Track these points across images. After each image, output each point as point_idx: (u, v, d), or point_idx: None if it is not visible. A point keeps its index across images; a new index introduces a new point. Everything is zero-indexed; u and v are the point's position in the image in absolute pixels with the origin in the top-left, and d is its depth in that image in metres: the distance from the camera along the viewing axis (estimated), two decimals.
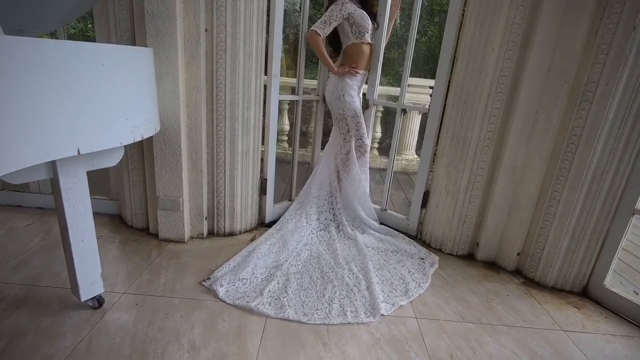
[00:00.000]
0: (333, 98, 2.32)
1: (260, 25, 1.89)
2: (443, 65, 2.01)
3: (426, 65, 4.76)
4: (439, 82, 2.05)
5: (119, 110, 1.20)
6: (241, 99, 1.92)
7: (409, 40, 2.19)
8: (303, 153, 4.09)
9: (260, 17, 1.88)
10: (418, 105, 3.77)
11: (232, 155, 2.00)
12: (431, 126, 2.14)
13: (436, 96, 2.08)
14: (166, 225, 1.99)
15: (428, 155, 2.18)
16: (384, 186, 2.49)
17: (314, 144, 2.59)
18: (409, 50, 2.20)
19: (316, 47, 2.16)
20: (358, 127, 2.33)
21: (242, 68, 1.87)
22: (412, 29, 2.16)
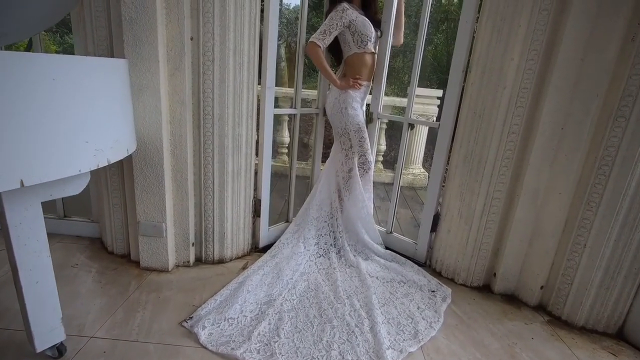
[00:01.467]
0: (334, 111, 2.13)
1: (253, 33, 1.71)
2: (455, 75, 1.81)
3: (433, 75, 4.58)
4: (450, 95, 1.85)
5: (76, 132, 1.02)
6: (231, 114, 1.74)
7: (416, 49, 2.00)
8: (304, 167, 3.91)
9: (253, 24, 1.70)
10: (425, 119, 3.57)
11: (222, 175, 1.81)
12: (442, 143, 1.93)
13: (447, 109, 1.88)
14: (148, 253, 1.79)
15: (438, 174, 1.98)
16: (390, 207, 2.28)
17: (314, 160, 2.39)
18: (416, 59, 2.01)
19: (316, 60, 1.98)
20: (361, 143, 2.13)
21: (232, 80, 1.69)
22: (420, 36, 1.97)
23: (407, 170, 3.82)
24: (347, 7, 1.97)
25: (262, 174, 2.00)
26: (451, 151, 1.93)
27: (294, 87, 2.11)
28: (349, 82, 2.06)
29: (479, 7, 1.71)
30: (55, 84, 0.94)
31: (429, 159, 4.06)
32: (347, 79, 2.08)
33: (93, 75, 1.09)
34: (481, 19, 1.70)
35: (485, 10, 1.66)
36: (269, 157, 2.00)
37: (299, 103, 2.12)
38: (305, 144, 5.46)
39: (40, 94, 0.91)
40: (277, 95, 3.67)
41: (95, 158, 1.09)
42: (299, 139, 2.27)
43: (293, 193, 2.31)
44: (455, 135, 1.89)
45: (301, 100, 2.14)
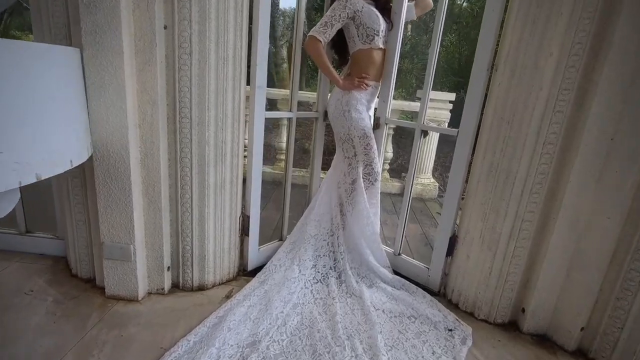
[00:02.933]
0: (337, 114, 1.86)
1: (240, 23, 1.45)
2: (478, 75, 1.54)
3: (444, 77, 4.30)
4: (471, 97, 1.57)
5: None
6: (213, 117, 1.47)
7: (431, 48, 1.73)
8: (303, 174, 3.63)
9: (239, 11, 1.44)
10: (436, 124, 3.30)
11: (202, 188, 1.54)
12: (461, 153, 1.65)
13: (468, 114, 1.60)
14: (114, 279, 1.53)
15: (456, 190, 1.70)
16: (398, 226, 2.00)
17: (312, 169, 2.12)
18: (431, 60, 1.73)
19: (316, 56, 1.72)
20: (367, 151, 1.86)
21: (214, 77, 1.43)
22: (436, 35, 1.70)
23: (415, 180, 3.53)
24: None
25: (251, 187, 1.73)
26: (472, 163, 1.65)
27: (290, 88, 1.84)
28: (353, 82, 1.79)
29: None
30: None
31: (438, 167, 3.78)
32: (351, 78, 1.82)
33: (18, 67, 0.82)
34: (511, 6, 1.42)
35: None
36: (259, 167, 1.73)
37: (295, 105, 1.85)
38: (306, 150, 5.20)
39: None
40: (276, 98, 3.42)
41: (16, 174, 0.83)
42: (299, 144, 2.01)
43: (288, 207, 2.04)
44: (477, 145, 1.61)
45: (303, 104, 1.88)
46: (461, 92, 3.66)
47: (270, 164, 3.82)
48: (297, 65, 1.79)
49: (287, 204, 2.02)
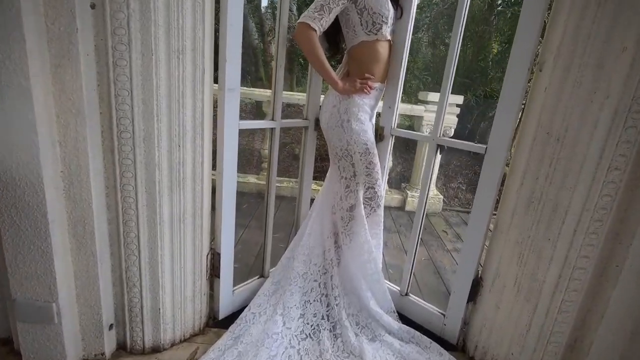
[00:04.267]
0: (333, 124, 1.49)
1: (200, 4, 1.07)
2: (514, 76, 1.19)
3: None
4: (505, 105, 1.22)
5: None
6: (165, 130, 1.09)
7: (451, 46, 1.37)
8: (292, 185, 3.27)
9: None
10: (445, 131, 2.95)
11: (153, 224, 1.16)
12: (489, 176, 1.30)
13: (500, 127, 1.25)
14: (33, 346, 1.14)
15: (481, 222, 1.34)
16: (405, 262, 1.63)
17: (301, 187, 1.75)
18: (451, 60, 1.38)
19: (309, 49, 1.34)
20: (370, 170, 1.50)
21: (164, 76, 1.05)
22: (457, 28, 1.34)
23: (415, 192, 3.17)
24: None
25: (221, 218, 1.35)
26: (504, 189, 1.30)
27: (272, 90, 1.46)
28: (354, 84, 1.42)
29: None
30: None
31: (441, 176, 3.44)
32: (351, 79, 1.45)
33: None
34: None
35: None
36: (232, 192, 1.36)
37: (278, 113, 1.47)
38: (296, 156, 4.81)
39: None
40: (261, 100, 3.03)
41: None
42: (289, 149, 1.68)
43: (270, 235, 1.66)
44: (512, 166, 1.26)
45: (294, 107, 1.51)
46: (468, 95, 3.33)
47: (254, 173, 3.44)
48: (280, 61, 1.42)
49: (269, 232, 1.64)
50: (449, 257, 2.37)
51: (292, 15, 4.86)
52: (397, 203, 3.22)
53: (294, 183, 3.25)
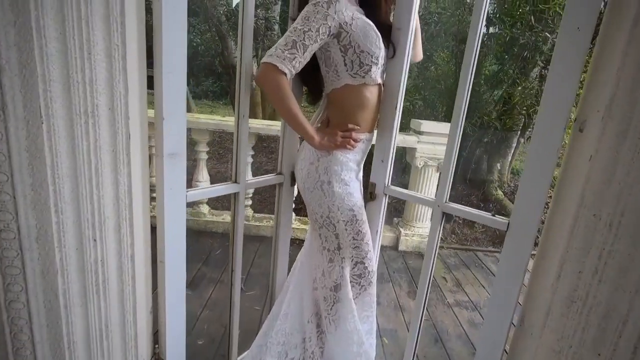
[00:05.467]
0: (310, 185, 1.19)
1: (118, 47, 0.77)
2: (545, 136, 0.92)
3: (437, 99, 3.67)
4: (533, 171, 0.94)
5: None
6: (71, 223, 0.77)
7: (462, 78, 1.10)
8: (265, 225, 2.96)
9: None
10: (435, 163, 2.70)
11: (57, 348, 0.83)
12: (512, 260, 1.01)
13: (526, 201, 0.97)
14: None
15: (500, 325, 1.04)
16: (406, 348, 1.32)
17: (276, 254, 1.44)
18: (463, 87, 1.10)
19: (276, 97, 1.04)
20: (358, 242, 1.20)
21: (64, 150, 0.74)
22: (469, 60, 1.06)
23: (410, 229, 2.89)
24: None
25: (165, 321, 1.02)
26: (532, 278, 1.01)
27: (235, 145, 1.15)
28: (335, 139, 1.13)
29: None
30: None
31: None
32: (331, 131, 1.15)
33: None
34: (617, 11, 0.80)
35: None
36: (181, 287, 1.03)
37: (243, 172, 1.16)
38: (267, 172, 4.49)
39: None
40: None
41: None
42: (266, 167, 1.33)
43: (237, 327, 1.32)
44: (543, 249, 0.98)
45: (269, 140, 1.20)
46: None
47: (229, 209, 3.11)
48: (243, 110, 1.11)
49: (235, 325, 1.30)
50: (450, 315, 2.07)
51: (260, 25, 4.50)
52: (389, 242, 2.92)
53: (269, 222, 2.93)
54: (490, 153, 3.71)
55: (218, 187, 1.12)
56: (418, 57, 1.33)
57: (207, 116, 2.83)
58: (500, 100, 3.33)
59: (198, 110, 9.91)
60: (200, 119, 2.67)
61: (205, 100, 12.16)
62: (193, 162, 3.77)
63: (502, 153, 3.71)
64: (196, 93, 12.09)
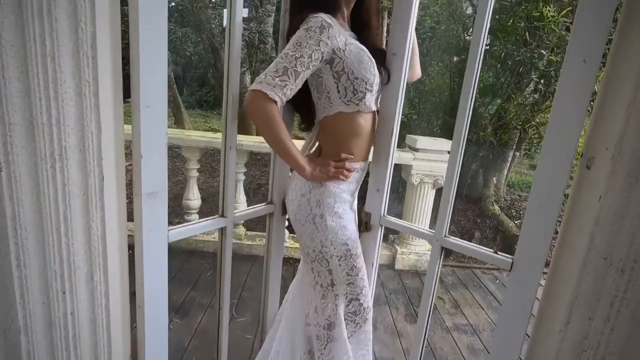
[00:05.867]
0: (302, 218, 1.13)
1: (90, 84, 0.70)
2: (549, 172, 0.87)
3: (432, 113, 3.63)
4: (537, 208, 0.89)
5: None
6: (36, 276, 0.70)
7: (463, 94, 1.04)
8: (258, 244, 2.89)
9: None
10: (432, 180, 2.65)
11: None
12: (515, 304, 0.95)
13: (531, 240, 0.91)
14: None
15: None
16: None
17: (266, 290, 1.36)
18: (463, 116, 1.05)
19: (266, 126, 0.98)
20: (352, 278, 1.13)
21: (28, 197, 0.67)
22: (470, 77, 1.01)
23: (407, 247, 2.83)
24: (329, 22, 0.99)
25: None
26: (537, 321, 0.95)
27: (222, 177, 1.09)
28: (327, 170, 1.07)
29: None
30: None
31: (432, 224, 3.11)
32: (323, 161, 1.09)
33: None
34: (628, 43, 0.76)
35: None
36: (162, 342, 0.95)
37: (230, 205, 1.09)
38: (259, 186, 4.42)
39: None
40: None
41: None
42: (264, 191, 1.30)
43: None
44: (550, 291, 0.91)
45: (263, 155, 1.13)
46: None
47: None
48: (230, 142, 1.05)
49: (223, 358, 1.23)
50: (449, 341, 2.00)
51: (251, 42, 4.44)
52: (385, 260, 2.86)
53: (260, 241, 2.85)
54: (486, 167, 3.68)
55: (204, 223, 1.05)
56: (416, 76, 1.28)
57: (198, 133, 2.77)
58: (495, 114, 3.32)
59: (191, 120, 9.83)
60: (191, 136, 2.60)
61: (199, 110, 12.07)
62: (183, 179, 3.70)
63: (498, 167, 3.69)
64: (190, 103, 12.01)
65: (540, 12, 2.72)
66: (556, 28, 2.72)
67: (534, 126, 3.12)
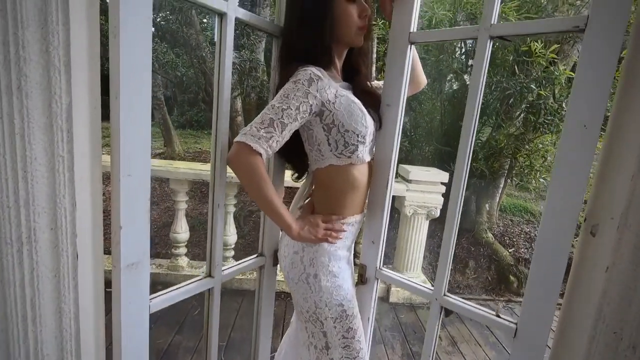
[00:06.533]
0: (294, 276, 1.07)
1: (64, 159, 0.65)
2: (551, 237, 0.83)
3: (425, 142, 3.63)
4: (540, 276, 0.85)
5: None
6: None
7: (465, 126, 1.00)
8: (249, 278, 2.80)
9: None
10: (425, 211, 2.62)
11: None
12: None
13: (533, 308, 0.86)
14: None
15: None
16: None
17: (256, 352, 1.29)
18: (463, 155, 1.01)
19: (250, 180, 0.93)
20: (348, 340, 1.07)
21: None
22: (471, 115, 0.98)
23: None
24: (318, 75, 0.95)
25: None
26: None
27: (210, 223, 1.03)
28: (316, 231, 1.02)
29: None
30: None
31: (427, 254, 3.07)
32: (312, 220, 1.04)
33: None
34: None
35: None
36: None
37: (218, 265, 1.03)
38: (250, 213, 4.34)
39: None
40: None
41: None
42: (255, 218, 1.30)
43: None
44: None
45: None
46: (452, 166, 3.07)
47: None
48: (218, 200, 1.00)
49: None
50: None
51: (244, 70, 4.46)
52: (380, 293, 2.78)
53: (251, 276, 2.77)
54: (478, 194, 3.68)
55: (190, 286, 0.98)
56: (422, 85, 1.25)
57: (187, 165, 2.70)
58: (486, 143, 3.33)
59: (182, 141, 9.74)
60: (180, 168, 2.54)
61: (189, 130, 12.01)
62: (172, 205, 3.59)
63: (490, 194, 3.69)
64: (180, 122, 11.95)
65: (529, 46, 2.79)
66: (544, 62, 2.78)
67: (525, 154, 3.14)
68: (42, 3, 0.58)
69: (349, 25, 0.99)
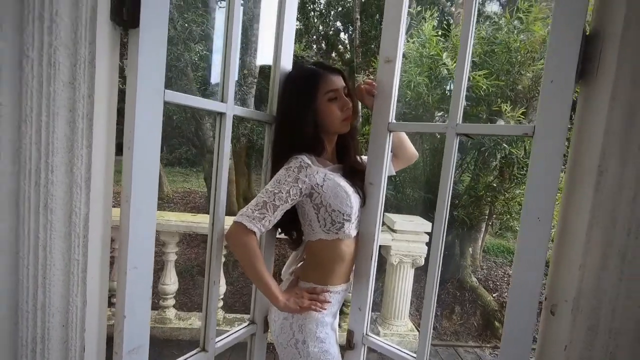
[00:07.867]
0: (284, 341, 1.13)
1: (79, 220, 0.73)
2: (516, 316, 0.91)
3: (410, 189, 3.78)
4: (513, 335, 0.92)
5: None
6: None
7: (443, 177, 1.11)
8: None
9: None
10: (410, 260, 2.69)
11: None
12: None
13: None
14: None
15: None
16: None
17: None
18: (443, 203, 1.11)
19: (243, 256, 1.03)
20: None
21: None
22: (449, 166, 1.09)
23: (389, 329, 2.80)
24: (308, 162, 1.08)
25: None
26: None
27: (205, 299, 1.08)
28: (301, 301, 1.10)
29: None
30: None
31: (414, 300, 3.11)
32: (297, 292, 1.13)
33: None
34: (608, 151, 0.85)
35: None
36: None
37: (212, 338, 1.08)
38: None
39: None
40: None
41: None
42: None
43: None
44: None
45: None
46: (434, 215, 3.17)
47: (197, 310, 2.91)
48: (214, 276, 1.07)
49: None
50: None
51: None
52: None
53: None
54: (461, 239, 3.81)
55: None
56: (413, 159, 1.36)
57: (178, 216, 2.75)
58: (466, 192, 3.51)
59: (170, 180, 9.77)
60: (171, 220, 2.59)
61: (178, 168, 12.07)
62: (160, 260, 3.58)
63: (473, 237, 3.82)
64: (169, 160, 12.01)
65: (499, 107, 3.04)
66: (513, 121, 3.01)
67: (502, 202, 3.32)
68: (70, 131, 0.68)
69: (332, 120, 1.13)
